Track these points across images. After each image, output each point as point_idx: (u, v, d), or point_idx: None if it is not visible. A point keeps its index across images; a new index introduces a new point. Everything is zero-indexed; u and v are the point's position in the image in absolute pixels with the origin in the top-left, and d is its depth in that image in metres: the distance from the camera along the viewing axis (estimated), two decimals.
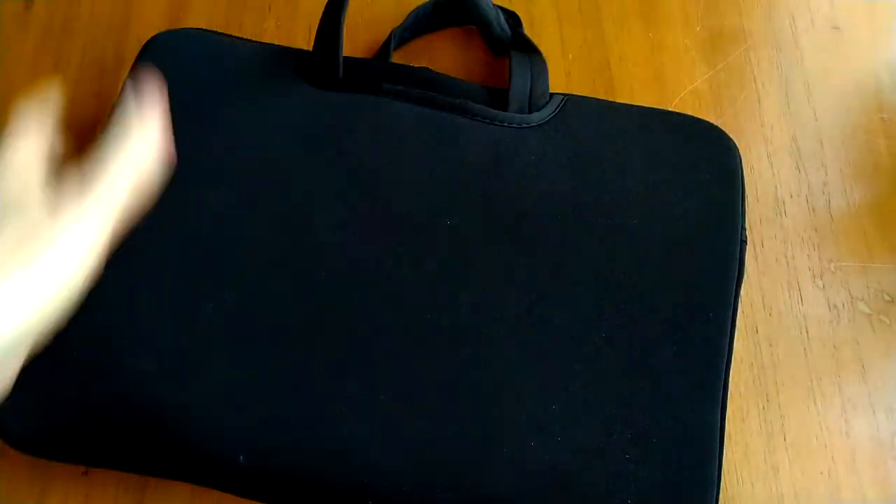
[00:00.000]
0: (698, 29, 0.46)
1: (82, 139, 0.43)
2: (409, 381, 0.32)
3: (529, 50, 0.40)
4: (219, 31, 0.44)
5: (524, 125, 0.36)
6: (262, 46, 0.40)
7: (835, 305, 0.39)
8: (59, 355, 0.31)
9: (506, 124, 0.36)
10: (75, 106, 0.44)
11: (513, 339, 0.32)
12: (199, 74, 0.38)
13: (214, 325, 0.32)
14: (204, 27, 0.46)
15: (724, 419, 0.32)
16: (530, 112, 0.37)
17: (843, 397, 0.37)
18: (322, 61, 0.37)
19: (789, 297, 0.40)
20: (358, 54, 0.44)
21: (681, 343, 0.32)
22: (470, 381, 0.32)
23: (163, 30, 0.46)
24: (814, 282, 0.40)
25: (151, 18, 0.47)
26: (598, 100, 0.39)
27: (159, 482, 0.35)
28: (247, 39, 0.41)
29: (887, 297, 0.39)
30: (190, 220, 0.34)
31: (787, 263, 0.40)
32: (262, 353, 0.32)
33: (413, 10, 0.44)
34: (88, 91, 0.45)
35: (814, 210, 0.42)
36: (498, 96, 0.38)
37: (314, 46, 0.38)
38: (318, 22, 0.47)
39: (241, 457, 0.31)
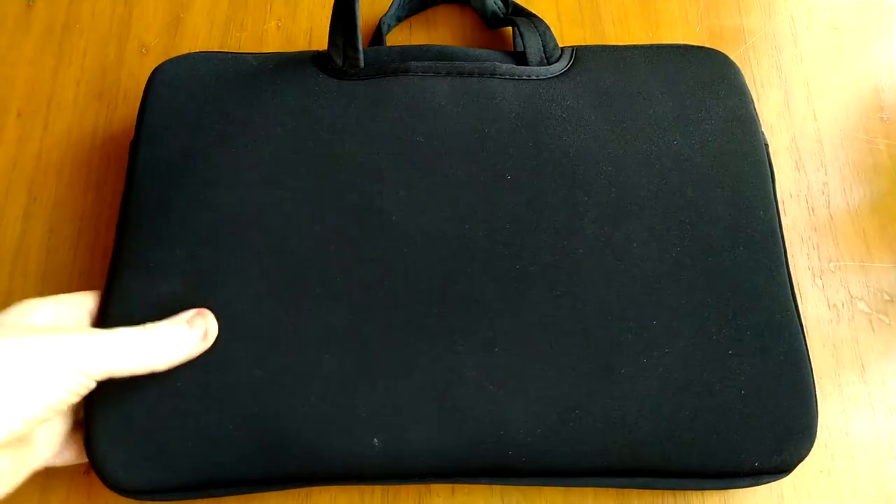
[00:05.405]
0: (698, 29, 0.46)
1: (82, 141, 0.44)
2: (517, 331, 0.33)
3: (528, 14, 0.42)
4: (221, 27, 0.44)
5: (549, 76, 0.38)
6: (274, 55, 0.40)
7: (834, 305, 0.39)
8: (161, 392, 0.31)
9: (533, 77, 0.38)
10: (76, 106, 0.44)
11: (601, 268, 0.34)
12: (222, 91, 0.37)
13: (312, 323, 0.33)
14: (205, 27, 0.47)
15: (797, 303, 0.34)
16: (549, 64, 0.39)
17: (843, 397, 0.37)
18: (343, 53, 0.38)
19: None
20: None
21: (745, 242, 0.34)
22: (573, 315, 0.33)
23: (163, 30, 0.47)
24: (813, 282, 0.40)
25: (152, 18, 0.47)
26: (604, 45, 0.41)
27: None
28: (252, 53, 0.40)
29: (887, 297, 0.40)
30: (261, 230, 0.34)
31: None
32: (366, 339, 0.32)
33: None
34: (89, 91, 0.45)
35: (813, 210, 0.42)
36: (515, 57, 0.39)
37: (330, 40, 0.38)
38: (318, 22, 0.47)
39: (376, 441, 0.31)
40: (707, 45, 0.40)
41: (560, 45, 0.40)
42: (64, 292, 0.33)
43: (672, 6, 0.47)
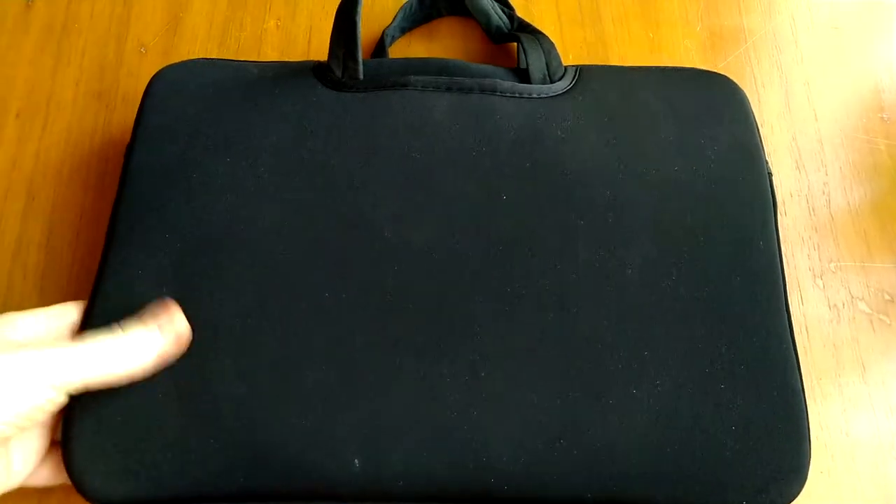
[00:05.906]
0: (698, 29, 0.46)
1: (81, 141, 0.44)
2: (505, 355, 0.32)
3: (533, 31, 0.41)
4: (220, 27, 0.44)
5: (551, 95, 0.37)
6: (276, 64, 0.39)
7: (835, 305, 0.39)
8: (141, 404, 0.31)
9: (534, 96, 0.37)
10: (75, 107, 0.44)
11: (593, 294, 0.33)
12: (220, 98, 0.37)
13: (298, 337, 0.32)
14: (204, 27, 0.47)
15: (794, 339, 0.33)
16: (552, 83, 0.38)
17: (843, 397, 0.37)
18: (343, 64, 0.37)
19: (790, 297, 0.40)
20: None
21: (743, 274, 0.34)
22: (562, 341, 0.32)
23: (162, 30, 0.46)
24: (814, 282, 0.40)
25: (151, 18, 0.47)
26: (608, 65, 0.40)
27: None
28: (254, 62, 0.40)
29: (887, 297, 0.40)
30: (251, 240, 0.34)
31: (788, 263, 0.40)
32: (352, 355, 0.32)
33: (401, 8, 0.45)
34: (89, 91, 0.45)
35: (814, 210, 0.42)
36: (517, 74, 0.39)
37: (330, 51, 0.38)
38: (318, 22, 0.47)
39: (357, 461, 0.30)
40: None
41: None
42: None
43: (672, 6, 0.47)
